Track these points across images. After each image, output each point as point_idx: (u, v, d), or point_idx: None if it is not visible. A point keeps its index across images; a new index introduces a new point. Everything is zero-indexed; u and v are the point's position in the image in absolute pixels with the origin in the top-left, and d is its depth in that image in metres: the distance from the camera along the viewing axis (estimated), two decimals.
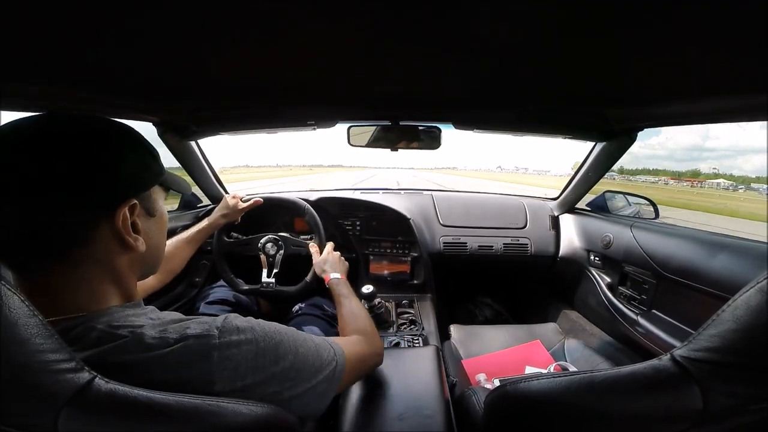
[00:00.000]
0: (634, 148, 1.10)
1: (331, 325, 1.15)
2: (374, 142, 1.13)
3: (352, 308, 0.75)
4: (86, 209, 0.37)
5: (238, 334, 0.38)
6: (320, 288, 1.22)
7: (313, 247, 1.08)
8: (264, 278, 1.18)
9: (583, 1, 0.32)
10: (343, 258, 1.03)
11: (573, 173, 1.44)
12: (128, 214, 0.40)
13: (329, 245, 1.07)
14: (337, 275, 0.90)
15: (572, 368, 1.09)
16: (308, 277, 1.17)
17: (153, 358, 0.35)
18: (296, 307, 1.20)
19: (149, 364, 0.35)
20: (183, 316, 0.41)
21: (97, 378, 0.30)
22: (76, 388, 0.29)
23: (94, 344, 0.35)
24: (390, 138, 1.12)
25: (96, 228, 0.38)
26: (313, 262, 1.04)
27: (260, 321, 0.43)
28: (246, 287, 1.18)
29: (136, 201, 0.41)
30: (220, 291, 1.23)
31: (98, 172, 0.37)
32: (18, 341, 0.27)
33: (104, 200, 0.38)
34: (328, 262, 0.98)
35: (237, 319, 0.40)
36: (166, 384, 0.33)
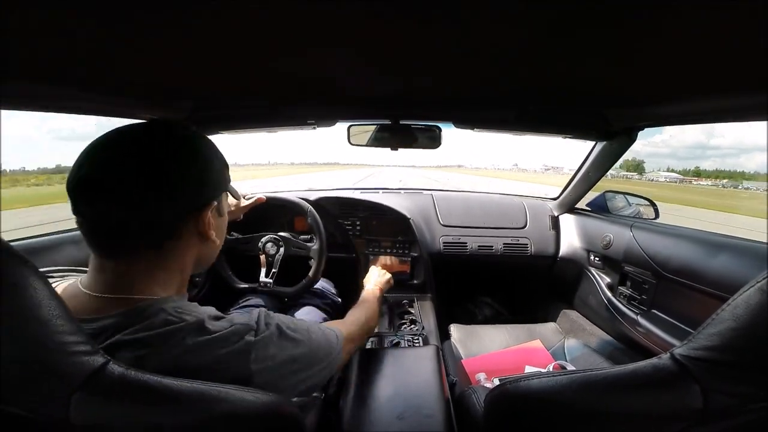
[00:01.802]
0: (636, 146, 1.11)
1: (327, 312, 1.18)
2: (374, 142, 1.13)
3: (360, 305, 0.85)
4: (181, 208, 0.43)
5: (270, 327, 0.45)
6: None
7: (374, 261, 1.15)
8: (262, 278, 1.18)
9: (582, 1, 0.32)
10: (384, 272, 1.12)
11: (573, 173, 1.44)
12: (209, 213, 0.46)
13: (375, 267, 1.15)
14: (371, 286, 1.00)
15: (571, 367, 1.09)
16: (306, 280, 1.17)
17: (208, 342, 0.39)
18: None
19: (205, 347, 0.39)
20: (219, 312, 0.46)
21: (111, 362, 0.31)
22: (90, 371, 0.29)
23: (160, 325, 0.39)
24: (390, 137, 1.12)
25: (186, 223, 0.44)
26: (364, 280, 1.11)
27: (279, 315, 0.49)
28: (243, 285, 1.19)
29: (216, 202, 0.47)
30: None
31: (194, 177, 0.43)
32: (40, 321, 0.28)
33: (196, 201, 0.44)
34: (371, 277, 1.09)
35: (268, 316, 0.48)
36: (209, 370, 0.37)
